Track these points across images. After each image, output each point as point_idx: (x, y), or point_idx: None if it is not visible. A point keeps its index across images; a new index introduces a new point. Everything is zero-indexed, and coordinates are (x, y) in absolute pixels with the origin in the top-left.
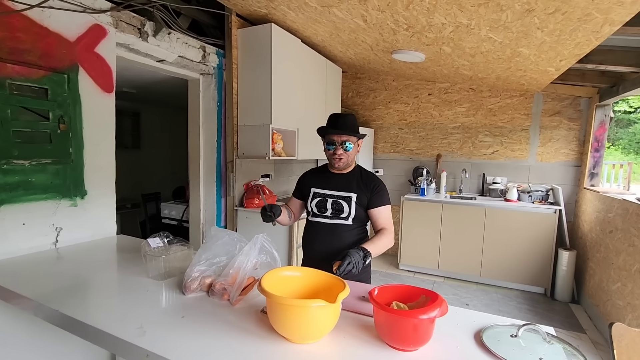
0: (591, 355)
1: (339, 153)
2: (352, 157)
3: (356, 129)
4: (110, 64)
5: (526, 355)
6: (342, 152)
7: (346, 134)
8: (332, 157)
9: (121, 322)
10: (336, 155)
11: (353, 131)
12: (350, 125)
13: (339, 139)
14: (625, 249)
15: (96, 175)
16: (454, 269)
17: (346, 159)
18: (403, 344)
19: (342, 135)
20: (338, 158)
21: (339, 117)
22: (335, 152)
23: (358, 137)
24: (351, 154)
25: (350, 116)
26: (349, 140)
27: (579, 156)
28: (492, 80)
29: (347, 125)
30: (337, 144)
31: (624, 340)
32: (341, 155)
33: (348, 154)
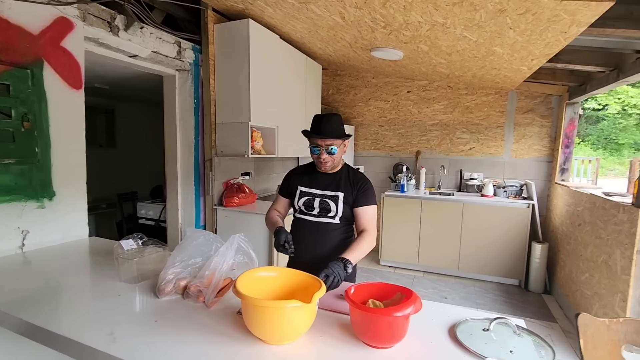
0: (562, 343)
1: (324, 157)
2: (338, 159)
3: (341, 132)
4: (79, 59)
5: (497, 348)
6: (327, 156)
7: (331, 138)
8: (318, 161)
9: (90, 329)
10: (321, 160)
11: (338, 134)
12: (335, 129)
13: (323, 144)
14: (592, 241)
15: (65, 175)
16: (433, 263)
17: (332, 163)
18: (379, 342)
19: (326, 140)
20: (324, 162)
21: (322, 121)
22: (320, 157)
23: (343, 139)
24: (337, 157)
25: (335, 118)
26: (334, 144)
27: (551, 152)
28: (469, 79)
29: (331, 130)
30: (321, 148)
31: (589, 329)
32: (326, 159)
33: (334, 157)
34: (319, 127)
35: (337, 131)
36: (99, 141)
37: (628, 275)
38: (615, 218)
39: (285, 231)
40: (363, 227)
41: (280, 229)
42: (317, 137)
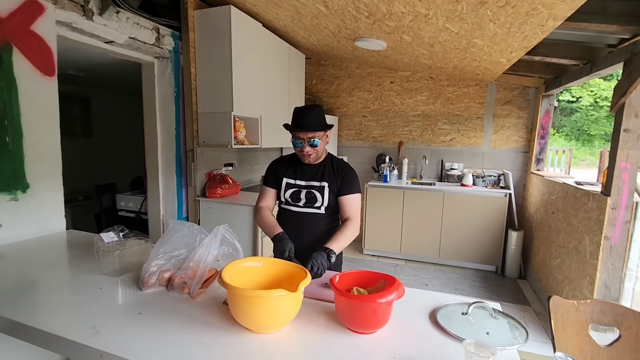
0: (534, 324)
1: (307, 150)
2: (321, 150)
3: (323, 123)
4: (50, 45)
5: (475, 331)
6: (310, 148)
7: (313, 131)
8: (301, 154)
9: (72, 323)
10: (304, 153)
11: (320, 126)
12: (317, 121)
13: (305, 136)
14: (564, 228)
15: (39, 166)
16: (414, 251)
17: (315, 155)
18: (363, 328)
19: (307, 132)
20: (307, 154)
21: (303, 113)
22: (303, 150)
23: (325, 130)
24: (320, 149)
25: (315, 110)
26: (315, 136)
27: (527, 143)
28: (450, 70)
29: (313, 122)
30: (304, 141)
31: (559, 311)
32: (309, 151)
33: (317, 150)
34: (300, 120)
35: (319, 123)
36: (74, 131)
37: (596, 260)
38: (586, 206)
39: (288, 241)
40: (347, 215)
41: (282, 238)
42: (299, 131)
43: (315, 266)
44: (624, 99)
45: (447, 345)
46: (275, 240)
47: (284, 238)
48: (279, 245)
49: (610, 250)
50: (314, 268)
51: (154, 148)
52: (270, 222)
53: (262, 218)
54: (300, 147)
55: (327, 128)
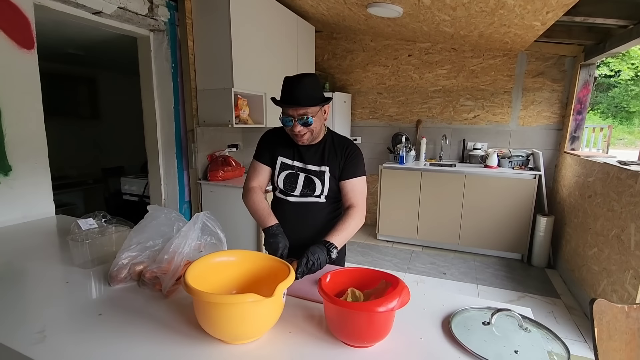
0: (565, 320)
1: (298, 130)
2: (317, 129)
3: (317, 96)
4: (27, 14)
5: (500, 348)
6: (302, 127)
7: (303, 107)
8: (293, 135)
9: (20, 325)
10: (295, 133)
11: (312, 100)
12: (309, 93)
13: (295, 113)
14: (603, 214)
15: (22, 147)
16: (432, 237)
17: (310, 135)
18: (357, 341)
19: (298, 108)
20: (299, 135)
21: (292, 85)
22: (294, 130)
23: (321, 105)
24: (316, 127)
25: (307, 79)
26: (308, 113)
27: (561, 119)
28: (475, 39)
29: (304, 95)
30: (294, 119)
31: (605, 317)
32: (302, 131)
33: (311, 129)
34: (289, 93)
35: (312, 96)
36: (81, 113)
37: None
38: (632, 189)
39: (282, 238)
40: (350, 202)
41: (276, 234)
42: (287, 106)
43: (310, 262)
44: None
45: None
46: (267, 235)
47: (278, 234)
48: (272, 243)
49: None
50: (309, 264)
51: (153, 128)
52: (262, 209)
53: (253, 202)
54: (290, 127)
55: (322, 102)
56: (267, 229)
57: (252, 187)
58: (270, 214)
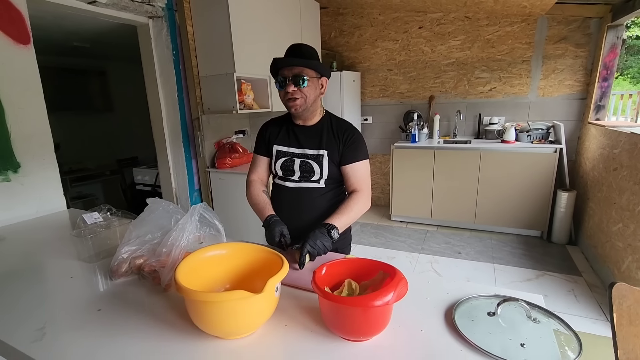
0: (586, 298)
1: (291, 90)
2: (310, 97)
3: (313, 60)
4: (20, 8)
5: (505, 340)
6: (295, 89)
7: (298, 65)
8: (286, 99)
9: (22, 321)
10: (288, 95)
11: (308, 62)
12: (305, 55)
13: (289, 73)
14: (630, 188)
15: (28, 144)
16: (447, 216)
17: (303, 100)
18: (352, 335)
19: (293, 67)
20: (292, 97)
21: (291, 49)
22: (287, 91)
23: (317, 71)
24: (309, 93)
25: (305, 45)
26: (303, 72)
27: (585, 87)
28: (490, 5)
29: (300, 55)
30: (288, 79)
31: (626, 302)
32: (294, 93)
33: (304, 93)
34: (286, 55)
35: (308, 57)
36: (94, 106)
37: None
38: None
39: (279, 223)
40: (354, 187)
41: (272, 222)
42: (282, 66)
43: (313, 249)
44: None
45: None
46: (265, 226)
47: (275, 222)
48: (269, 231)
49: None
50: (311, 253)
51: (158, 118)
52: (259, 203)
53: (251, 197)
54: (284, 89)
55: (319, 66)
56: (264, 222)
57: (251, 181)
58: (265, 207)
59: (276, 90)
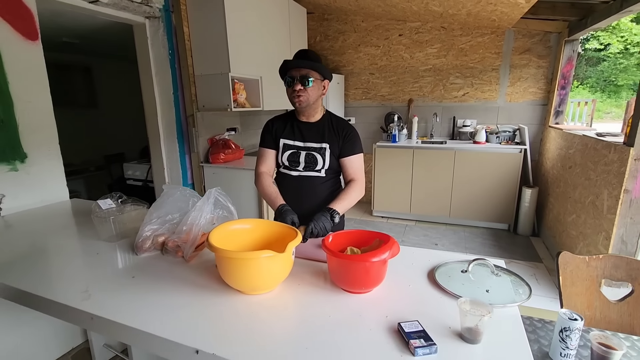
0: (545, 281)
1: (298, 89)
2: (313, 96)
3: (318, 63)
4: (30, 6)
5: (474, 289)
6: (301, 88)
7: (305, 68)
8: (292, 95)
9: (67, 287)
10: (294, 92)
11: (314, 65)
12: (311, 59)
13: (297, 74)
14: (581, 183)
15: (35, 136)
16: (424, 212)
17: (306, 98)
18: (356, 287)
19: (301, 69)
20: (297, 95)
21: (299, 53)
22: (294, 88)
23: (321, 74)
24: (312, 92)
25: (312, 51)
26: (309, 74)
27: (546, 95)
28: (463, 17)
29: (308, 58)
30: (295, 79)
31: (569, 267)
32: (300, 92)
33: (308, 92)
34: (295, 57)
35: (313, 61)
36: (78, 102)
37: (614, 215)
38: (606, 158)
39: (290, 212)
40: (351, 177)
41: (284, 211)
42: (291, 66)
43: (315, 229)
44: None
45: (444, 304)
46: (277, 214)
47: (287, 211)
48: (281, 219)
49: (630, 203)
50: (314, 231)
51: (153, 115)
52: (271, 194)
53: (263, 188)
54: (292, 87)
55: (323, 70)
56: (276, 209)
57: (260, 173)
58: (278, 196)
59: (267, 90)
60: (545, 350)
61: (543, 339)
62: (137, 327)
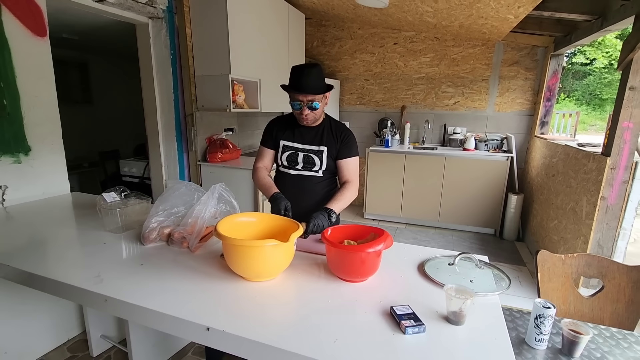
0: (527, 282)
1: (306, 113)
2: (320, 113)
3: (323, 85)
4: (40, 3)
5: (459, 279)
6: (309, 111)
7: (312, 94)
8: (300, 117)
9: (79, 273)
10: (303, 115)
11: (319, 88)
12: (316, 83)
13: (304, 99)
14: (563, 190)
15: (39, 129)
16: (415, 215)
17: (313, 117)
18: (352, 276)
19: (307, 95)
20: (306, 117)
21: (302, 74)
22: (302, 113)
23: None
24: (319, 112)
25: (315, 70)
26: (315, 99)
27: (533, 106)
28: (456, 29)
29: (313, 84)
30: (303, 103)
31: (546, 264)
32: (308, 115)
33: (315, 113)
34: (299, 81)
35: (319, 85)
36: (73, 97)
37: (591, 220)
38: (585, 167)
39: (283, 199)
40: (346, 178)
41: (277, 197)
42: (298, 93)
43: (315, 226)
44: (632, 55)
45: (431, 291)
46: (271, 200)
47: (280, 197)
48: (275, 205)
49: (606, 210)
50: (314, 229)
51: (153, 113)
52: (266, 183)
53: (259, 179)
54: (299, 110)
55: (327, 90)
56: (271, 196)
57: (257, 167)
58: (272, 185)
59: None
60: (522, 337)
61: (521, 327)
62: (150, 307)
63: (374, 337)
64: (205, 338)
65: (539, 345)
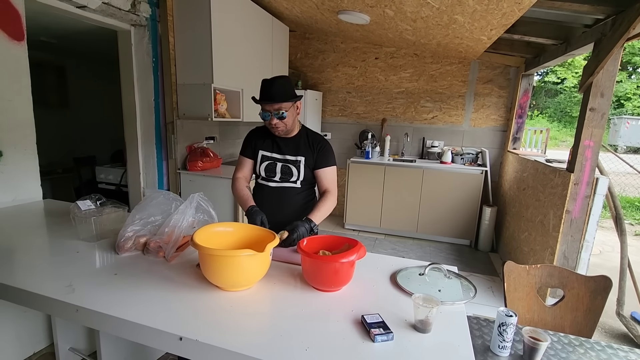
0: (499, 293)
1: (275, 122)
2: (290, 123)
3: (289, 93)
4: (18, 7)
5: (428, 288)
6: (278, 121)
7: (277, 102)
8: (270, 127)
9: (49, 282)
10: (272, 125)
11: (285, 96)
12: (282, 91)
13: (271, 109)
14: (533, 203)
15: (12, 134)
16: (394, 226)
17: (284, 127)
18: (326, 286)
19: (273, 104)
20: (275, 127)
21: (270, 85)
22: (271, 122)
23: (293, 101)
24: (289, 121)
25: (281, 81)
26: (282, 108)
27: (506, 122)
28: (434, 47)
29: (278, 93)
30: (271, 113)
31: (512, 274)
32: (277, 124)
33: (285, 122)
34: (266, 92)
35: (285, 93)
36: (48, 101)
37: (557, 233)
38: (552, 182)
39: (259, 212)
40: (325, 187)
41: (253, 211)
42: (264, 103)
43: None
44: (591, 79)
45: (402, 301)
46: (247, 214)
47: (256, 211)
48: (252, 218)
49: (571, 223)
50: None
51: (132, 119)
52: (243, 196)
53: (237, 190)
54: (268, 120)
55: (293, 98)
56: (247, 210)
57: (237, 178)
58: (249, 199)
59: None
60: (487, 344)
61: (487, 335)
62: (123, 317)
63: (344, 345)
64: (177, 348)
65: (502, 352)
